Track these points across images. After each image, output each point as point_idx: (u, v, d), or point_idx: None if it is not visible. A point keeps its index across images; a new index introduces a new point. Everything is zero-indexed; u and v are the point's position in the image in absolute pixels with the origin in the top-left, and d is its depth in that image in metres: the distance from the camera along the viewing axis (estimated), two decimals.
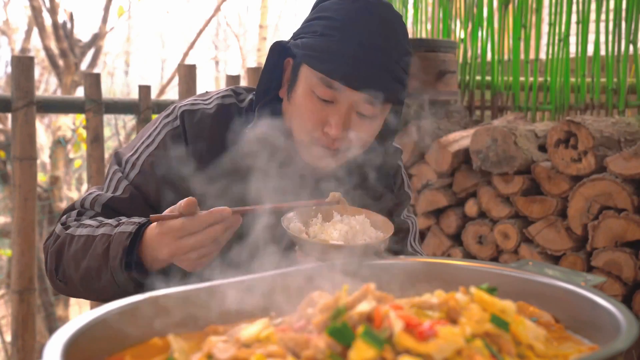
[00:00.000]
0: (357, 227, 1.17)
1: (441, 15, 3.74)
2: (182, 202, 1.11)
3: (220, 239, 1.13)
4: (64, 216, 1.35)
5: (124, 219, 1.24)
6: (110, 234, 1.21)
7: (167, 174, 1.32)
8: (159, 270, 1.20)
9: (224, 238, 1.13)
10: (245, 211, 1.15)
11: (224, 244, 1.15)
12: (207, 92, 1.48)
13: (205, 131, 1.35)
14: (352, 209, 1.24)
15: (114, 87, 12.41)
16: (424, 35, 3.84)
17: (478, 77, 3.65)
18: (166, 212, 1.13)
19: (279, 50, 1.35)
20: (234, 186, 1.20)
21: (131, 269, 1.18)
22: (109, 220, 1.26)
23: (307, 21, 1.32)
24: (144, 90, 3.05)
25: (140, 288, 1.19)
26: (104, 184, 1.39)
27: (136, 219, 1.23)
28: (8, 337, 4.40)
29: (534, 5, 3.44)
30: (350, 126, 1.28)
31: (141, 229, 1.20)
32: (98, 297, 1.28)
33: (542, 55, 3.64)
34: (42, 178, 5.87)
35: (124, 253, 1.18)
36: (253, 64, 11.09)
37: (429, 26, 3.86)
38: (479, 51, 3.62)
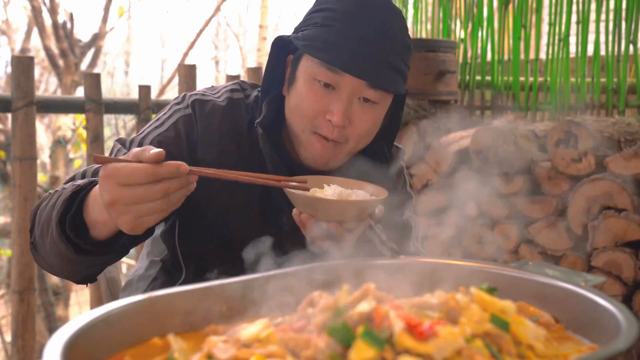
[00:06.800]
0: (350, 191, 1.21)
1: (441, 15, 3.74)
2: (148, 149, 0.97)
3: (172, 199, 0.98)
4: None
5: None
6: (68, 187, 1.11)
7: (173, 156, 1.27)
8: (99, 240, 1.07)
9: (176, 198, 0.99)
10: (202, 174, 1.03)
11: (173, 206, 1.00)
12: (213, 86, 1.47)
13: (215, 123, 1.35)
14: (345, 180, 1.27)
15: (114, 87, 12.43)
16: (424, 35, 3.84)
17: (478, 77, 3.65)
18: (122, 157, 0.99)
19: (280, 46, 1.35)
20: (238, 182, 1.19)
21: (65, 225, 1.05)
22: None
23: (309, 14, 1.33)
24: (144, 90, 3.05)
25: (79, 256, 1.08)
26: None
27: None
28: (8, 337, 4.40)
29: (534, 5, 3.44)
30: (352, 114, 1.28)
31: (92, 183, 1.08)
32: (51, 262, 1.15)
33: (542, 55, 3.64)
34: (42, 178, 5.87)
35: (63, 204, 1.06)
36: (253, 64, 11.09)
37: (429, 26, 3.87)
38: (479, 51, 3.62)
